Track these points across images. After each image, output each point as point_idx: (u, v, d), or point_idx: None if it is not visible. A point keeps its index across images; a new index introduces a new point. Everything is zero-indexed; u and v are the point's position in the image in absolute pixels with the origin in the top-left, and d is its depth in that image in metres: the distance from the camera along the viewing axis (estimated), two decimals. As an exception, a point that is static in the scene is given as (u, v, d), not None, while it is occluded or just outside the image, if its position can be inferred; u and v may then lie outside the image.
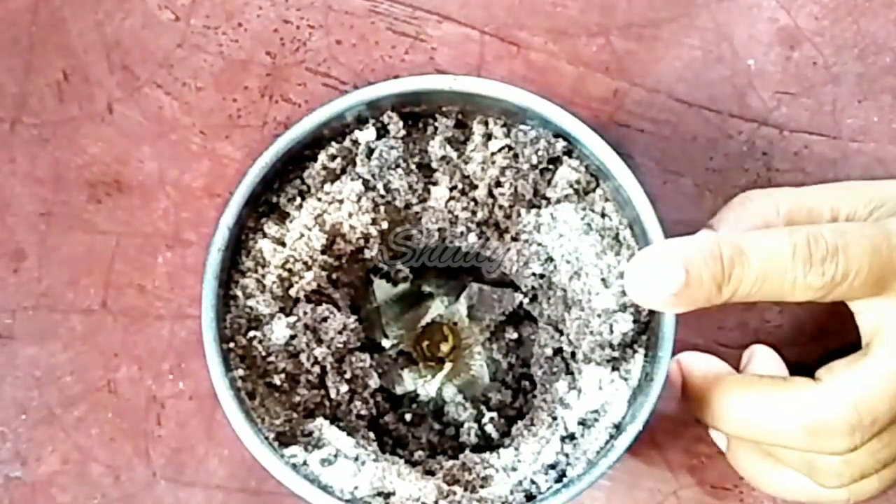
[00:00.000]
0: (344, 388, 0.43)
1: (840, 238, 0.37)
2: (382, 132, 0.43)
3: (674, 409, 0.47)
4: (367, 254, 0.44)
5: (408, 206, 0.43)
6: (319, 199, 0.42)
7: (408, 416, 0.47)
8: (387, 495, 0.40)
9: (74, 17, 0.51)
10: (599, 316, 0.40)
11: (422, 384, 0.48)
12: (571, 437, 0.41)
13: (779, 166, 0.50)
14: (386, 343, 0.48)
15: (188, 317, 0.49)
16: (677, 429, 0.49)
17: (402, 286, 0.48)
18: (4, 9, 0.52)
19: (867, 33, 0.51)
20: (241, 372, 0.41)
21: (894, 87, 0.51)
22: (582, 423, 0.41)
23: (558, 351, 0.44)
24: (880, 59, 0.51)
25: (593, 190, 0.42)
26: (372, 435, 0.44)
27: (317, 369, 0.42)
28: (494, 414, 0.46)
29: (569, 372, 0.43)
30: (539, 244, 0.42)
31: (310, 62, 0.51)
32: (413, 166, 0.43)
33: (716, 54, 0.51)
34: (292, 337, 0.42)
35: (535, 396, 0.45)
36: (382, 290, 0.48)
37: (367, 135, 0.42)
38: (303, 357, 0.42)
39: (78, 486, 0.48)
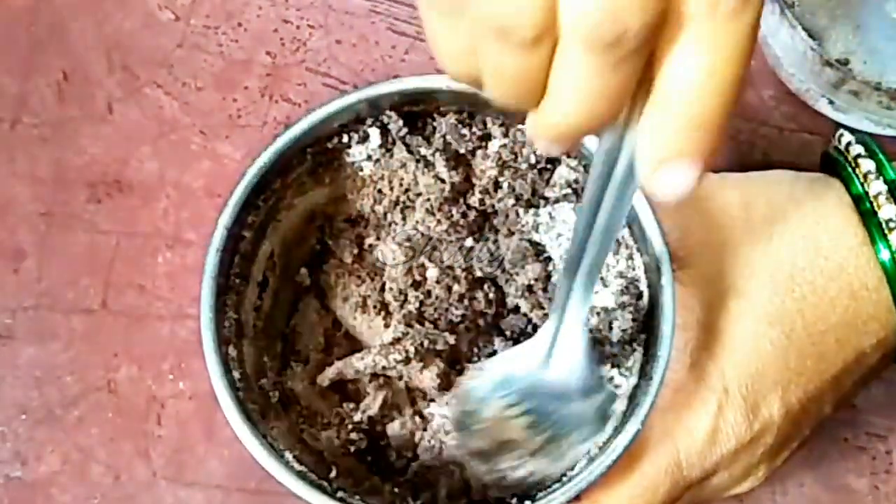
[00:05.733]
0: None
1: None
2: (382, 132, 0.43)
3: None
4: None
5: (406, 205, 0.43)
6: (318, 198, 0.42)
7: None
8: None
9: (74, 17, 0.52)
10: (598, 314, 0.40)
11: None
12: (570, 435, 0.41)
13: (779, 166, 0.50)
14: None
15: (188, 317, 0.49)
16: (677, 429, 0.49)
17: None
18: (4, 9, 0.52)
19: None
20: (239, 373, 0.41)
21: (894, 86, 0.51)
22: (581, 421, 0.41)
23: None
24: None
25: (591, 189, 0.42)
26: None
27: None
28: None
29: (568, 371, 0.43)
30: (537, 243, 0.42)
31: (310, 62, 0.51)
32: (412, 166, 0.43)
33: (716, 54, 0.51)
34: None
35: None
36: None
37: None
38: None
39: (78, 486, 0.48)
